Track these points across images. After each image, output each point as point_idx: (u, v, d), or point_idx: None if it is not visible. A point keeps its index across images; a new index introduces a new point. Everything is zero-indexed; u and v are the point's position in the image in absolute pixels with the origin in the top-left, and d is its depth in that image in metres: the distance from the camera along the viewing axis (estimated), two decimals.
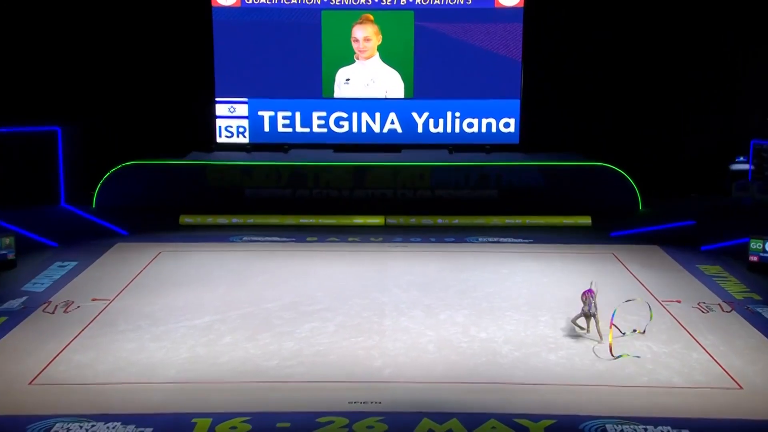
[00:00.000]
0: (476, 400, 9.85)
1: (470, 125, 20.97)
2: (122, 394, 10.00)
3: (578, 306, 11.91)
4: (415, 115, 20.93)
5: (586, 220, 19.13)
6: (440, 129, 20.99)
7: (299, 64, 20.72)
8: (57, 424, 9.15)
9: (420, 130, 20.94)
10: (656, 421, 9.26)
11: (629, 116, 21.79)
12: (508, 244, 17.42)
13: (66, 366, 10.73)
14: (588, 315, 11.59)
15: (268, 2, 20.53)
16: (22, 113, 20.29)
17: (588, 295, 11.60)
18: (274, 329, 12.07)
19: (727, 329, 12.15)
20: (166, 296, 13.59)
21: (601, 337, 11.48)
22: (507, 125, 20.95)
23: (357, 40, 20.73)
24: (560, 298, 13.50)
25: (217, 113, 20.93)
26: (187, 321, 12.38)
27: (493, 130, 20.94)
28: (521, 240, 17.80)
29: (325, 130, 21.02)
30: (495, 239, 17.80)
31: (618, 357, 10.92)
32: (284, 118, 20.97)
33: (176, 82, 21.23)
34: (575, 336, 11.78)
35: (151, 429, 9.06)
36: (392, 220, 19.38)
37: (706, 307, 13.14)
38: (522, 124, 20.90)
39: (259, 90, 20.84)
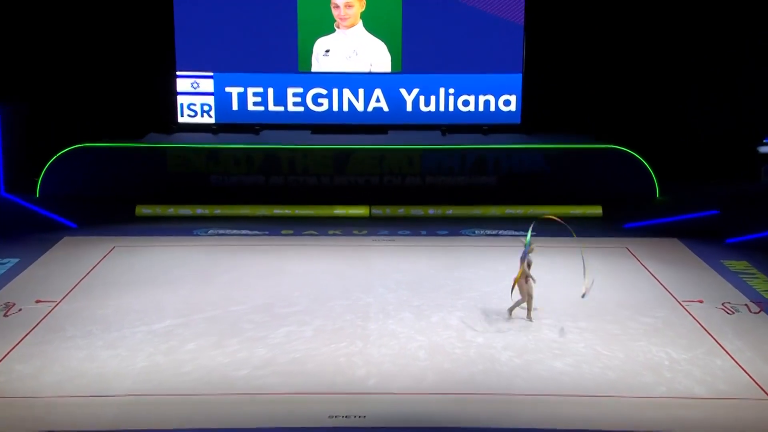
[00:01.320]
0: (472, 413, 9.86)
1: (466, 103, 20.96)
2: (71, 408, 9.93)
3: (584, 307, 11.89)
4: (403, 91, 20.90)
5: (596, 210, 19.19)
6: (432, 107, 20.97)
7: (272, 34, 20.62)
8: None
9: (409, 108, 20.91)
10: None
11: (645, 93, 21.83)
12: (509, 237, 17.43)
13: (6, 377, 10.65)
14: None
15: None
16: None
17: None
18: (243, 334, 12.03)
19: (754, 333, 12.21)
20: (121, 297, 13.52)
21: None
22: (507, 103, 20.96)
23: (337, 6, 20.65)
24: (567, 299, 13.51)
25: (178, 89, 20.81)
26: (144, 326, 12.33)
27: (492, 108, 20.94)
28: (523, 233, 17.74)
29: (301, 108, 20.95)
30: (493, 232, 17.82)
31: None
32: (255, 95, 20.88)
33: (131, 54, 21.09)
34: (584, 341, 11.83)
35: None
36: (378, 211, 19.34)
37: (732, 307, 13.21)
38: (524, 102, 20.92)
39: (226, 63, 20.73)
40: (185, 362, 11.09)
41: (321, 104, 20.95)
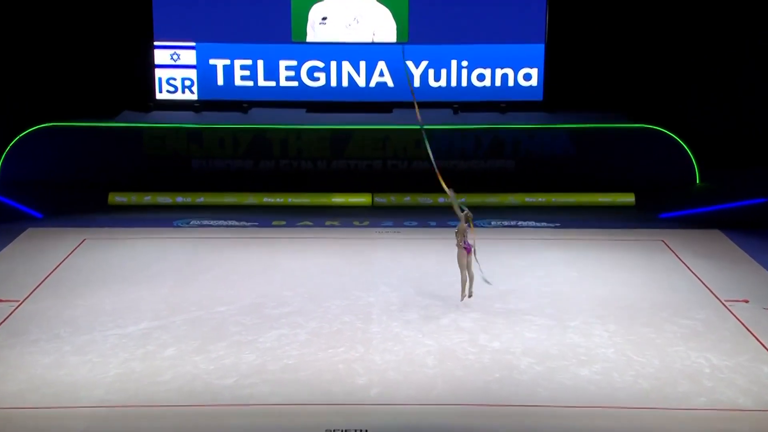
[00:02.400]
0: (487, 428, 9.83)
1: (481, 77, 20.88)
2: (36, 421, 9.93)
3: (614, 307, 11.86)
4: (410, 64, 20.82)
5: (628, 198, 19.14)
6: (442, 82, 20.89)
7: None
8: None
9: (417, 83, 20.83)
10: None
11: (683, 65, 21.68)
12: (529, 229, 17.41)
13: None
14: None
15: None
16: None
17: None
18: (230, 338, 12.04)
19: None
20: (92, 296, 13.52)
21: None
22: (528, 77, 20.87)
23: None
24: (594, 298, 13.51)
25: (157, 61, 20.75)
26: (118, 328, 12.33)
27: (511, 83, 20.86)
28: (545, 224, 17.76)
29: (295, 83, 20.88)
30: (512, 223, 17.79)
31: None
32: (243, 68, 20.82)
33: (103, 22, 20.98)
34: (614, 346, 11.81)
35: None
36: (381, 199, 19.29)
37: None
38: (547, 76, 20.81)
39: (210, 32, 20.65)
40: (164, 369, 11.09)
41: (317, 79, 20.88)
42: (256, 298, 13.49)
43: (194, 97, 20.89)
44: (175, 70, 20.80)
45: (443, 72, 20.84)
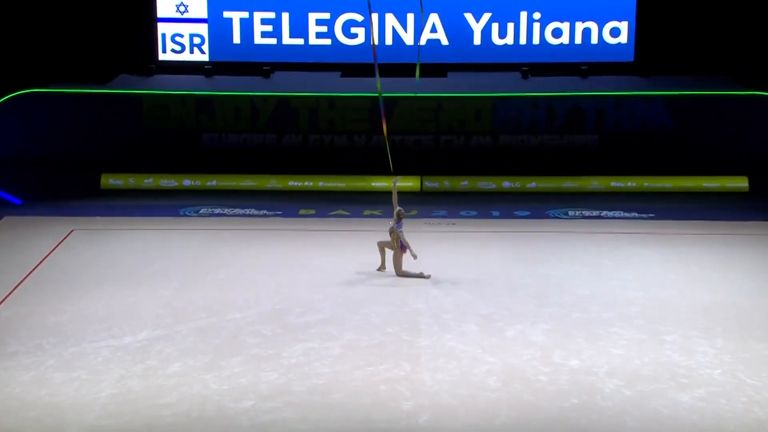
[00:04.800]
0: None
1: (557, 33, 20.75)
2: None
3: (722, 317, 11.71)
4: (469, 17, 20.74)
5: (740, 183, 18.97)
6: (509, 39, 20.79)
7: None
8: None
9: (477, 41, 20.76)
10: None
11: None
12: (615, 220, 17.31)
13: None
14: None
15: None
16: None
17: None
18: (247, 352, 12.06)
19: None
20: (81, 300, 13.60)
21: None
22: (616, 32, 20.70)
23: None
24: (697, 307, 13.40)
25: (159, 14, 20.91)
26: (113, 339, 12.40)
27: (594, 40, 20.71)
28: (635, 215, 17.63)
29: (327, 41, 20.90)
30: (594, 213, 17.72)
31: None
32: (264, 21, 20.88)
33: None
34: (721, 366, 11.67)
35: None
36: (432, 183, 19.25)
37: None
38: (640, 31, 20.65)
39: None
40: (168, 390, 11.12)
41: (355, 35, 20.88)
42: (278, 303, 13.50)
43: (205, 58, 20.99)
44: (182, 25, 20.91)
45: (510, 27, 20.73)
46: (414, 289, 14.06)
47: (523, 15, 20.69)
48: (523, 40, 20.75)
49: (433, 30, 20.79)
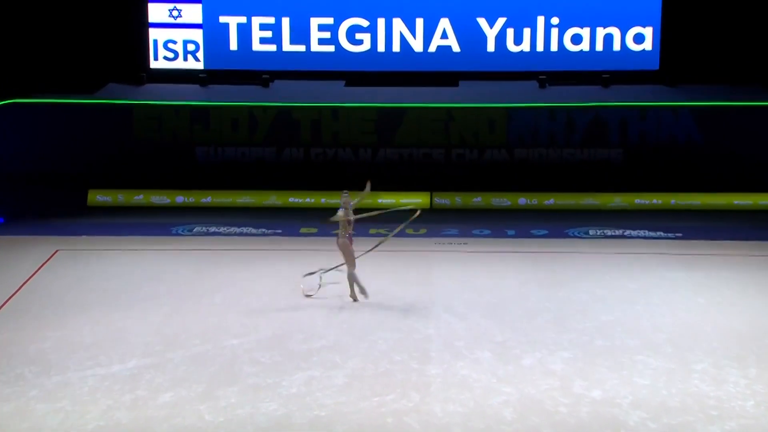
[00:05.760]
0: None
1: (576, 39, 20.76)
2: None
3: (753, 344, 11.67)
4: (482, 22, 20.77)
5: None
6: (525, 46, 20.81)
7: None
8: None
9: (491, 47, 20.78)
10: None
11: None
12: (640, 240, 17.29)
13: None
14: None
15: None
16: None
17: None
18: (244, 381, 12.03)
19: None
20: (66, 325, 13.58)
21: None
22: (639, 39, 20.71)
23: None
24: (728, 333, 13.36)
25: (151, 19, 20.95)
26: (99, 367, 12.37)
27: (616, 47, 20.72)
28: (661, 234, 17.59)
29: (331, 48, 20.94)
30: (617, 232, 17.69)
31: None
32: (263, 27, 20.93)
33: None
34: (753, 396, 11.63)
35: None
36: (443, 200, 19.24)
37: None
38: (665, 38, 20.66)
39: None
40: (158, 422, 11.08)
41: (360, 42, 20.92)
42: (278, 329, 13.46)
43: (200, 65, 21.04)
44: (176, 31, 20.97)
45: (526, 32, 20.75)
46: (424, 313, 14.03)
47: (541, 20, 20.70)
48: (540, 47, 20.75)
49: (444, 36, 20.79)
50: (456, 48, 20.84)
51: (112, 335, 13.29)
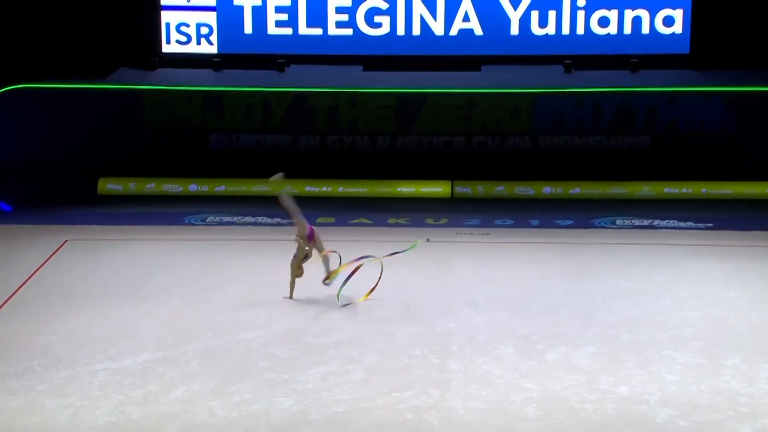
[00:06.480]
0: None
1: (604, 21, 20.67)
2: None
3: None
4: (506, 3, 20.69)
5: None
6: (550, 29, 20.73)
7: None
8: None
9: (515, 30, 20.71)
10: None
11: None
12: (669, 231, 17.26)
13: None
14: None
15: None
16: None
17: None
18: (259, 376, 12.05)
19: None
20: (75, 318, 13.63)
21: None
22: (669, 21, 20.61)
23: None
24: (761, 328, 13.32)
25: (163, 1, 20.94)
26: (110, 361, 12.41)
27: (645, 30, 20.63)
28: (691, 224, 17.54)
29: (349, 31, 20.90)
30: (645, 222, 17.68)
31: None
32: (278, 9, 20.90)
33: None
34: None
35: None
36: (464, 189, 19.21)
37: None
38: (696, 21, 20.55)
39: None
40: (170, 417, 11.11)
41: (379, 25, 20.87)
42: (293, 322, 13.50)
43: (213, 49, 21.02)
44: (188, 13, 20.96)
45: (551, 14, 20.67)
46: (444, 306, 14.04)
47: (566, 2, 20.59)
48: (566, 30, 20.66)
49: (466, 18, 20.71)
50: (478, 31, 20.76)
51: (122, 328, 13.34)
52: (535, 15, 20.68)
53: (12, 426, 10.95)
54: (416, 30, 20.82)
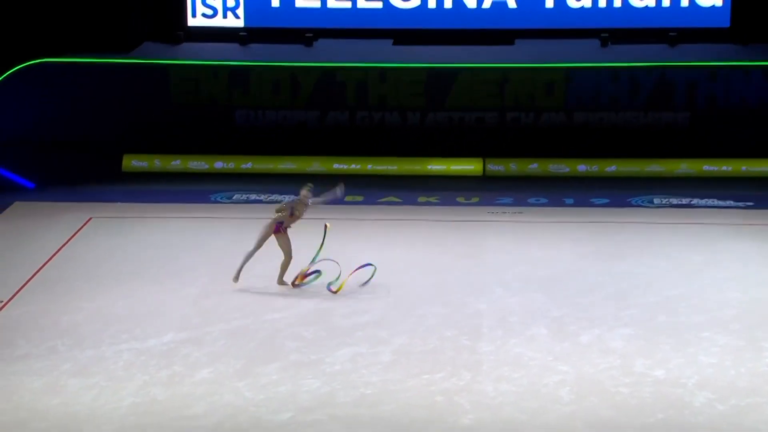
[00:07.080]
0: None
1: None
2: None
3: None
4: None
5: None
6: (586, 2, 20.61)
7: None
8: None
9: (549, 3, 20.60)
10: None
11: None
12: (708, 209, 17.20)
13: None
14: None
15: None
16: None
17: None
18: (285, 357, 12.08)
19: None
20: (100, 297, 13.69)
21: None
22: None
23: None
24: None
25: None
26: (135, 341, 12.47)
27: (684, 2, 20.48)
28: (731, 203, 17.45)
29: (378, 4, 20.84)
30: (684, 201, 17.62)
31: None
32: None
33: None
34: None
35: None
36: (496, 166, 19.16)
37: None
38: None
39: None
40: (196, 399, 11.16)
41: None
42: (321, 303, 13.53)
43: (240, 23, 21.02)
44: None
45: None
46: (475, 287, 14.02)
47: None
48: (602, 3, 20.51)
49: None
50: (512, 4, 20.65)
51: (147, 308, 13.41)
52: None
53: (35, 407, 11.04)
54: (448, 3, 20.73)
